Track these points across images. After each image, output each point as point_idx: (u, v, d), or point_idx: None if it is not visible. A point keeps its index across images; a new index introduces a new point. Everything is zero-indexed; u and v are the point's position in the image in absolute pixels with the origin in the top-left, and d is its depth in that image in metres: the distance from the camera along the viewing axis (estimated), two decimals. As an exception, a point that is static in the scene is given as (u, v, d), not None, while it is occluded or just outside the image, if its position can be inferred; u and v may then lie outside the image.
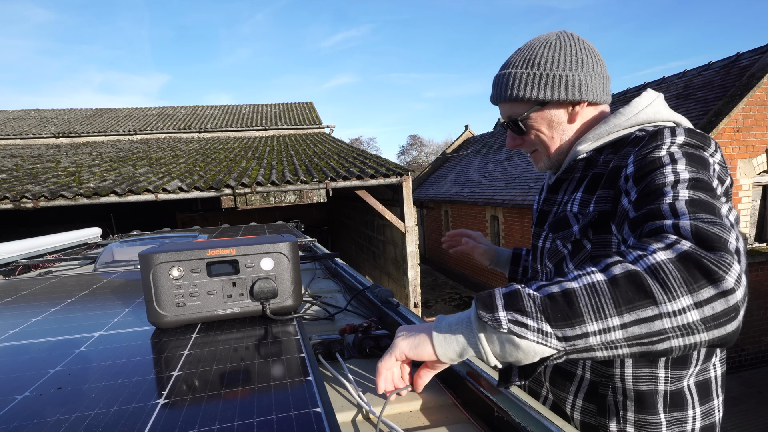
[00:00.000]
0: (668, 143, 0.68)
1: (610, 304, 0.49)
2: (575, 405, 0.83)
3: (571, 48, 0.84)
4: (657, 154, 0.68)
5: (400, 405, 0.67)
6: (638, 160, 0.70)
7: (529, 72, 0.84)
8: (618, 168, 0.75)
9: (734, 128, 6.00)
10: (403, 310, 1.01)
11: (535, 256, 0.95)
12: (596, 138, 0.84)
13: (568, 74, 0.83)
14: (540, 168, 0.95)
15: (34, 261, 2.11)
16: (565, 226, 0.84)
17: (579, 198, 0.83)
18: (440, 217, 14.02)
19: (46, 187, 5.59)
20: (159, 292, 0.89)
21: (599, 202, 0.77)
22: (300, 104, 16.57)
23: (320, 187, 5.75)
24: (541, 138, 0.89)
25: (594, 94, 0.85)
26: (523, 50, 0.87)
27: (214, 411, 0.56)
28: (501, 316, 0.52)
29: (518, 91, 0.85)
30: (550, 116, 0.87)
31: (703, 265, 0.48)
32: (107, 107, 15.75)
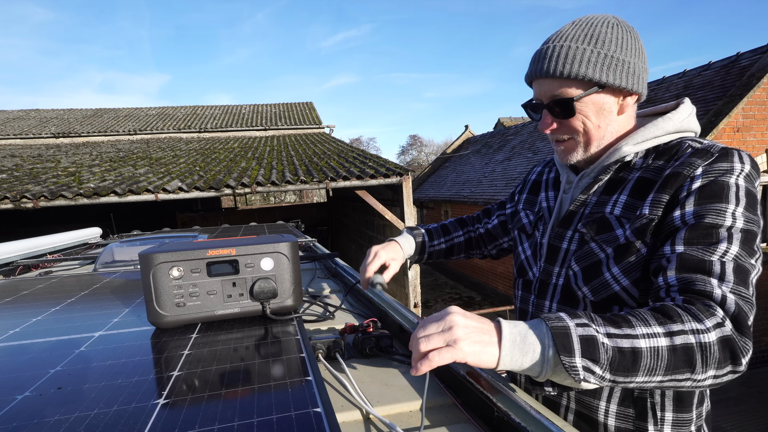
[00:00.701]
0: (738, 170, 0.71)
1: (662, 369, 0.59)
2: (609, 411, 0.81)
3: (631, 35, 0.79)
4: (726, 179, 0.70)
5: (400, 405, 0.67)
6: (708, 179, 0.70)
7: (593, 49, 0.76)
8: (679, 174, 0.73)
9: (734, 128, 6.00)
10: (401, 308, 1.01)
11: (553, 258, 0.89)
12: (643, 140, 0.80)
13: (630, 60, 0.78)
14: (568, 159, 0.87)
15: (34, 261, 2.11)
16: (606, 228, 0.79)
17: (623, 201, 0.79)
18: (440, 217, 14.02)
19: (46, 187, 5.59)
20: (159, 292, 0.89)
21: (655, 207, 0.74)
22: (300, 104, 16.57)
23: (320, 187, 5.75)
24: (586, 125, 0.81)
25: (645, 87, 0.81)
26: (581, 25, 0.80)
27: (214, 411, 0.56)
28: (578, 363, 0.57)
29: (579, 67, 0.76)
30: (602, 102, 0.80)
31: (735, 350, 0.60)
32: (107, 107, 15.75)
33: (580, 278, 0.83)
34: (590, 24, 0.79)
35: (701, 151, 0.74)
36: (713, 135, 5.83)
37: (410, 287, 5.96)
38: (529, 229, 1.01)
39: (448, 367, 0.71)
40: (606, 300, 0.79)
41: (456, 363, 0.70)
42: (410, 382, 0.75)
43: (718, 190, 0.69)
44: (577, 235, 0.85)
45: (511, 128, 14.27)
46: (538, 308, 0.92)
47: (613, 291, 0.78)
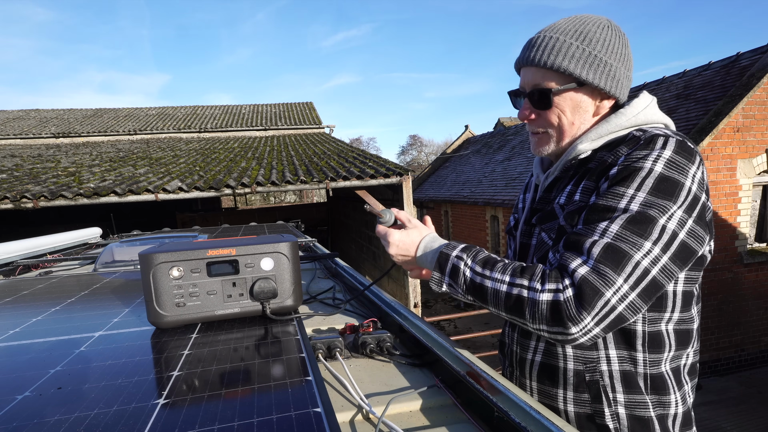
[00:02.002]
0: (655, 156, 0.72)
1: (502, 307, 0.75)
2: (567, 398, 0.83)
3: (621, 40, 0.81)
4: (639, 164, 0.72)
5: (400, 405, 0.67)
6: (623, 165, 0.74)
7: (579, 45, 0.78)
8: (605, 163, 0.77)
9: (734, 128, 6.00)
10: (401, 308, 1.01)
11: (525, 256, 0.93)
12: (598, 137, 0.82)
13: (613, 64, 0.79)
14: (539, 152, 0.90)
15: (34, 261, 2.11)
16: (551, 217, 0.84)
17: (568, 191, 0.83)
18: (440, 217, 14.02)
19: (46, 187, 5.59)
20: (159, 292, 0.89)
21: (585, 193, 0.79)
22: (300, 104, 16.57)
23: (320, 187, 5.75)
24: (561, 120, 0.83)
25: (623, 94, 0.83)
26: (575, 20, 0.81)
27: (214, 411, 0.56)
28: (444, 280, 0.81)
29: (563, 60, 0.78)
30: (579, 100, 0.82)
31: (561, 315, 0.68)
32: (107, 107, 15.75)
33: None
34: (583, 21, 0.81)
35: (633, 140, 0.76)
36: (713, 135, 5.83)
37: (410, 287, 5.97)
38: (514, 231, 1.04)
39: (449, 367, 0.71)
40: None
41: (457, 362, 0.71)
42: (410, 383, 0.75)
43: (627, 174, 0.72)
44: (536, 229, 0.89)
45: (511, 128, 14.27)
46: None
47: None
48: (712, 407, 4.93)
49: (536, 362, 0.87)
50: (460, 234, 12.60)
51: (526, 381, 0.90)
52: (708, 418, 4.71)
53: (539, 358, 0.87)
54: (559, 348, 0.83)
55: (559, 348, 0.83)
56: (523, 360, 0.90)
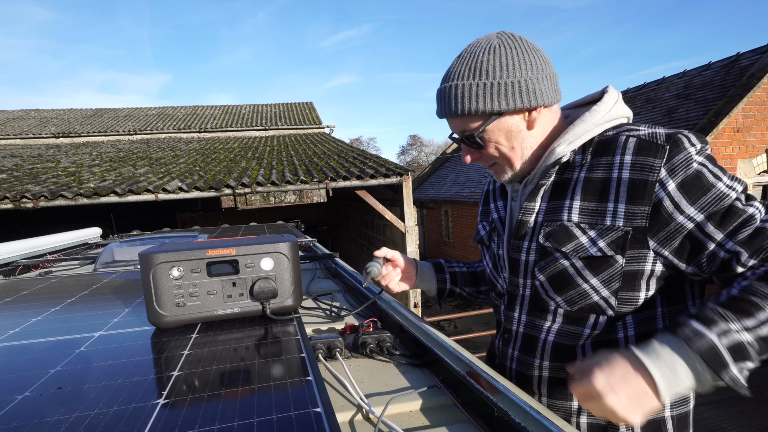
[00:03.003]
0: (694, 152, 0.72)
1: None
2: (581, 410, 0.83)
3: (516, 50, 0.78)
4: (693, 167, 0.71)
5: (400, 405, 0.67)
6: (680, 177, 0.71)
7: (478, 82, 0.77)
8: (645, 182, 0.72)
9: (734, 128, 6.00)
10: (401, 308, 1.01)
11: (516, 270, 0.88)
12: (575, 138, 0.81)
13: (520, 80, 0.77)
14: (504, 180, 0.89)
15: (34, 261, 2.11)
16: (569, 237, 0.79)
17: (578, 206, 0.79)
18: (440, 217, 14.02)
19: (46, 187, 5.59)
20: (159, 292, 0.89)
21: (631, 218, 0.73)
22: (300, 104, 16.57)
23: (320, 187, 5.75)
24: (501, 150, 0.83)
25: (548, 96, 0.80)
26: (464, 58, 0.80)
27: (214, 411, 0.56)
28: (734, 372, 0.60)
29: (469, 104, 0.78)
30: (508, 126, 0.81)
31: None
32: (107, 107, 15.75)
33: (550, 289, 0.82)
34: (472, 55, 0.79)
35: (648, 146, 0.74)
36: (713, 135, 5.83)
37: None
38: (486, 240, 1.00)
39: (449, 367, 0.71)
40: (582, 310, 0.80)
41: (457, 362, 0.71)
42: (410, 383, 0.75)
43: (696, 180, 0.71)
44: (534, 245, 0.84)
45: (511, 128, 14.23)
46: (508, 319, 0.92)
47: (591, 301, 0.79)
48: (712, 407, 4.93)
49: (544, 378, 0.86)
50: (460, 234, 12.60)
51: (534, 396, 0.87)
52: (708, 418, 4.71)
53: (547, 374, 0.85)
54: (575, 361, 0.81)
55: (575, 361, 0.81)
56: (526, 376, 0.88)
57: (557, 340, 0.83)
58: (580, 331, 0.81)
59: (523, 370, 0.89)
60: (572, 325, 0.82)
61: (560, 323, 0.83)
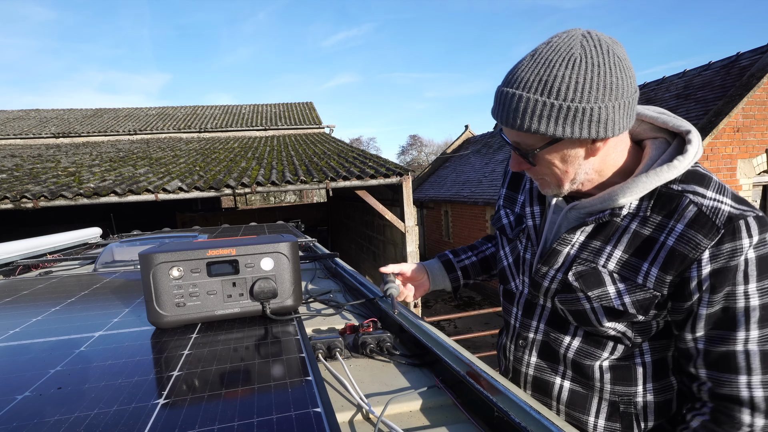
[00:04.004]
0: (747, 246, 0.67)
1: None
2: (597, 426, 0.83)
3: (598, 68, 0.66)
4: (735, 261, 0.68)
5: (400, 405, 0.67)
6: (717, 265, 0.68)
7: (545, 100, 0.67)
8: (684, 257, 0.70)
9: (734, 128, 6.00)
10: (401, 308, 1.01)
11: (537, 287, 0.87)
12: (644, 191, 0.74)
13: (593, 106, 0.67)
14: (547, 193, 0.84)
15: (34, 261, 2.11)
16: (598, 283, 0.77)
17: (618, 257, 0.76)
18: (440, 217, 14.02)
19: (46, 187, 5.59)
20: (159, 292, 0.89)
21: (660, 285, 0.72)
22: (300, 104, 16.57)
23: (320, 187, 5.75)
24: (553, 171, 0.77)
25: (621, 126, 0.70)
26: (538, 65, 0.69)
27: (214, 411, 0.56)
28: None
29: (530, 122, 0.69)
30: (565, 152, 0.74)
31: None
32: (107, 107, 15.76)
33: (570, 316, 0.83)
34: (548, 63, 0.68)
35: (704, 222, 0.69)
36: (713, 135, 5.84)
37: (410, 287, 5.96)
38: (510, 233, 0.97)
39: (449, 367, 0.71)
40: (600, 335, 0.81)
41: (457, 362, 0.71)
42: (410, 383, 0.75)
43: (728, 275, 0.68)
44: (560, 276, 0.82)
45: (511, 128, 14.24)
46: (524, 326, 0.92)
47: (608, 335, 0.80)
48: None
49: (565, 388, 0.86)
50: (460, 234, 12.60)
51: (552, 403, 0.88)
52: (708, 418, 4.71)
53: (568, 384, 0.86)
54: (596, 381, 0.83)
55: (596, 381, 0.83)
56: (547, 383, 0.88)
57: (576, 359, 0.84)
58: (600, 353, 0.82)
59: (540, 376, 0.89)
60: (591, 346, 0.82)
61: (580, 342, 0.83)
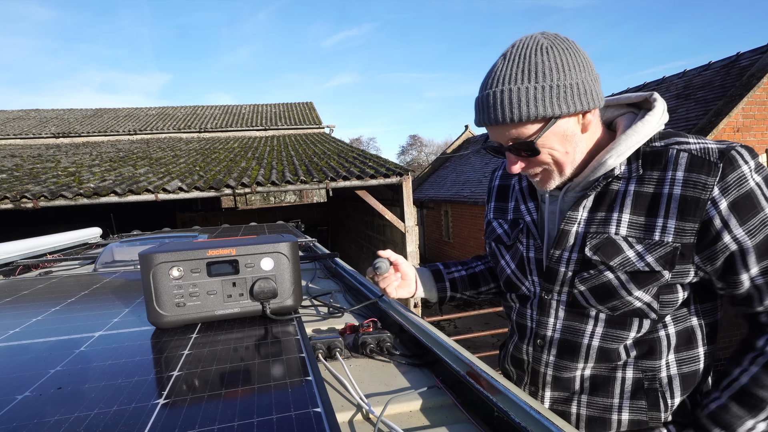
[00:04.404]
0: (749, 170, 0.72)
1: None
2: (622, 407, 0.83)
3: (568, 51, 0.74)
4: (747, 187, 0.71)
5: (400, 405, 0.67)
6: (733, 196, 0.71)
7: (535, 85, 0.72)
8: (697, 200, 0.72)
9: (734, 128, 6.00)
10: (401, 308, 1.01)
11: (552, 277, 0.86)
12: (627, 149, 0.78)
13: (578, 81, 0.73)
14: (547, 187, 0.84)
15: (34, 261, 2.11)
16: (617, 251, 0.78)
17: (627, 220, 0.77)
18: (440, 217, 14.02)
19: (46, 187, 5.59)
20: (159, 292, 0.89)
21: (680, 234, 0.73)
22: (300, 104, 16.57)
23: (320, 187, 5.75)
24: (555, 156, 0.79)
25: (601, 97, 0.77)
26: (514, 59, 0.74)
27: (214, 411, 0.56)
28: None
29: (527, 109, 0.72)
30: (563, 130, 0.76)
31: None
32: (107, 107, 15.76)
33: (591, 298, 0.82)
34: (523, 56, 0.74)
35: (701, 163, 0.73)
36: (713, 135, 5.83)
37: (410, 287, 5.96)
38: (507, 240, 0.97)
39: (449, 367, 0.71)
40: (624, 314, 0.81)
41: (457, 362, 0.71)
42: (410, 383, 0.75)
43: (750, 202, 0.71)
44: (576, 255, 0.82)
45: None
46: (540, 324, 0.90)
47: (634, 307, 0.80)
48: (712, 407, 4.93)
49: (586, 377, 0.86)
50: (460, 234, 12.60)
51: (574, 396, 0.87)
52: (708, 418, 4.71)
53: (589, 373, 0.85)
54: (620, 361, 0.83)
55: (620, 361, 0.83)
56: (564, 379, 0.88)
57: (602, 345, 0.83)
58: (625, 335, 0.82)
59: (560, 374, 0.88)
60: (616, 329, 0.82)
61: (603, 327, 0.83)
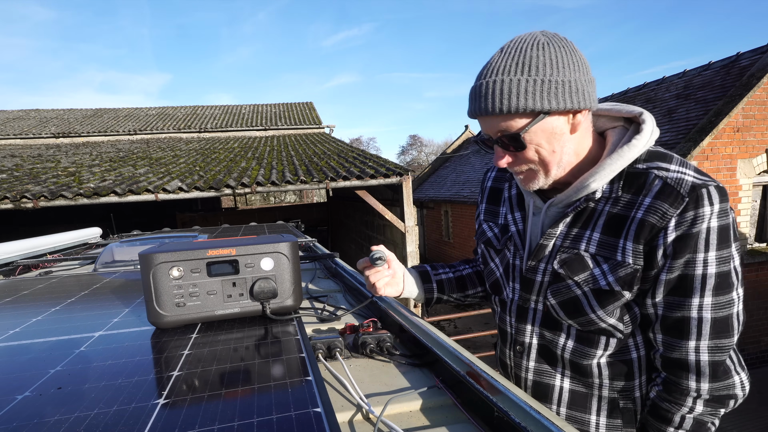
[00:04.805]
0: (708, 214, 0.72)
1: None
2: (599, 424, 0.84)
3: (565, 50, 0.74)
4: (697, 228, 0.72)
5: (400, 405, 0.67)
6: (680, 231, 0.73)
7: (527, 78, 0.72)
8: (652, 226, 0.74)
9: (734, 128, 6.00)
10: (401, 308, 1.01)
11: (528, 287, 0.89)
12: (611, 173, 0.78)
13: (570, 79, 0.73)
14: (531, 187, 0.85)
15: (34, 261, 2.11)
16: (582, 267, 0.80)
17: (597, 239, 0.79)
18: (440, 217, 14.02)
19: (46, 187, 5.59)
20: (159, 292, 0.89)
21: (637, 257, 0.75)
22: (300, 104, 16.57)
23: (320, 187, 5.75)
24: (541, 153, 0.79)
25: (593, 99, 0.77)
26: (509, 53, 0.75)
27: (214, 411, 0.56)
28: None
29: (517, 101, 0.73)
30: (552, 128, 0.76)
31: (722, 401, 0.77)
32: (107, 107, 15.76)
33: (561, 312, 0.84)
34: (519, 50, 0.74)
35: (670, 192, 0.73)
36: (713, 135, 5.83)
37: (410, 287, 5.95)
38: (497, 244, 0.98)
39: (449, 367, 0.71)
40: (593, 332, 0.83)
41: (457, 362, 0.71)
42: (410, 383, 0.75)
43: (690, 242, 0.72)
44: (550, 268, 0.85)
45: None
46: (519, 331, 0.92)
47: (599, 326, 0.81)
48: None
49: (565, 389, 0.87)
50: (460, 234, 12.60)
51: (552, 406, 0.88)
52: (708, 418, 4.71)
53: (568, 385, 0.87)
54: (594, 378, 0.84)
55: (594, 378, 0.84)
56: (544, 386, 0.89)
57: (573, 359, 0.85)
58: (594, 352, 0.83)
59: (540, 379, 0.90)
60: (584, 345, 0.84)
61: (574, 342, 0.85)
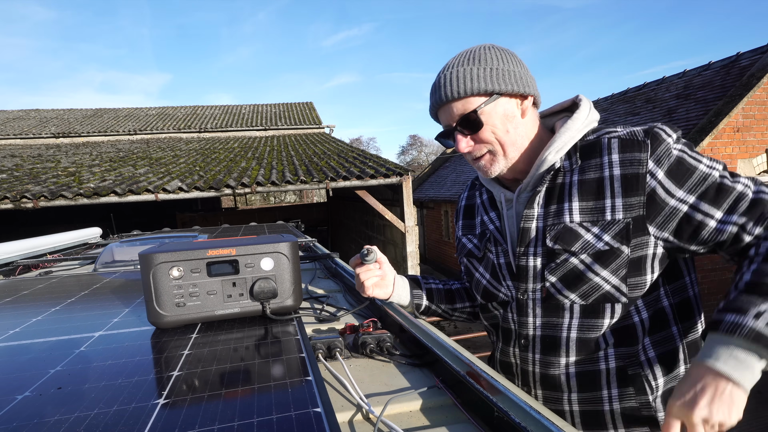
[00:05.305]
0: (672, 142, 0.80)
1: None
2: (612, 396, 0.85)
3: (509, 54, 0.89)
4: (675, 153, 0.79)
5: (400, 405, 0.67)
6: (666, 164, 0.78)
7: (479, 67, 0.85)
8: (636, 175, 0.79)
9: (734, 128, 6.00)
10: (401, 308, 1.01)
11: (523, 276, 0.90)
12: (562, 145, 0.87)
13: (515, 70, 0.87)
14: (493, 171, 0.90)
15: (34, 261, 2.11)
16: (576, 237, 0.83)
17: (577, 207, 0.84)
18: (440, 217, 14.02)
19: (46, 187, 5.59)
20: (159, 292, 0.89)
21: (630, 210, 0.80)
22: (300, 104, 16.57)
23: (320, 187, 5.75)
24: (497, 133, 0.87)
25: (536, 90, 0.90)
26: (464, 53, 0.89)
27: (214, 411, 0.56)
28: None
29: (471, 84, 0.84)
30: (504, 109, 0.87)
31: None
32: (107, 107, 15.76)
33: (563, 288, 0.85)
34: (472, 51, 0.89)
35: (630, 143, 0.81)
36: (713, 135, 5.83)
37: (410, 287, 5.95)
38: (478, 252, 1.01)
39: (449, 367, 0.71)
40: (596, 301, 0.83)
41: (457, 362, 0.71)
42: (410, 383, 0.75)
43: (682, 167, 0.78)
44: (541, 249, 0.87)
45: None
46: (521, 325, 0.92)
47: (603, 291, 0.82)
48: (712, 407, 4.94)
49: (572, 373, 0.87)
50: (460, 234, 12.59)
51: (563, 394, 0.88)
52: (708, 418, 4.72)
53: (574, 369, 0.87)
54: (600, 351, 0.85)
55: (600, 351, 0.85)
56: (552, 376, 0.89)
57: (579, 335, 0.86)
58: (600, 322, 0.84)
59: (547, 370, 0.89)
60: (590, 317, 0.84)
61: (579, 318, 0.85)
